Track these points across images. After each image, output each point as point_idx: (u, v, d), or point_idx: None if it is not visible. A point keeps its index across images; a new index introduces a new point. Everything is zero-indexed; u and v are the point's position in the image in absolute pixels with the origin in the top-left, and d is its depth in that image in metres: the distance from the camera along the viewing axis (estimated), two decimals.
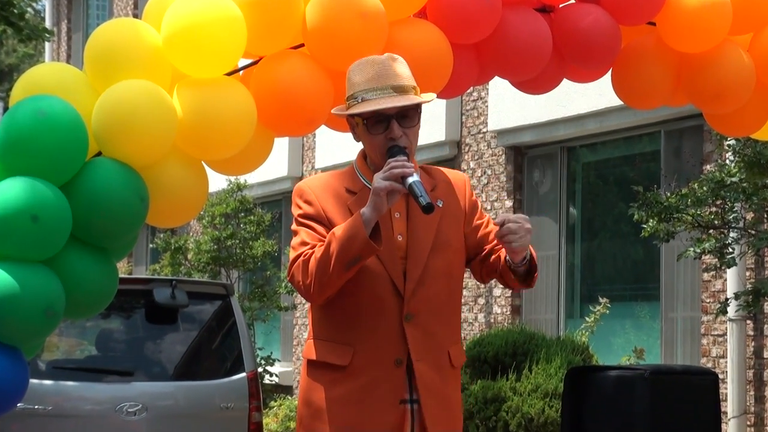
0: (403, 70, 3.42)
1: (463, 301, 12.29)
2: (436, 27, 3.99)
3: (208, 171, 4.04)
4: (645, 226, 7.65)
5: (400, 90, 3.37)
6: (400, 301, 3.39)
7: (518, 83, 4.39)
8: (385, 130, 3.37)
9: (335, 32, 3.80)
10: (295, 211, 3.49)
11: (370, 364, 3.38)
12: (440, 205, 3.48)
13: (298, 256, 3.38)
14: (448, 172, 3.62)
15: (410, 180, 3.27)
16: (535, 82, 4.34)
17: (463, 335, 12.02)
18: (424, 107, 3.55)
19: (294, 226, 3.49)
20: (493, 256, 3.53)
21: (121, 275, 4.39)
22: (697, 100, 4.34)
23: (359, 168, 3.50)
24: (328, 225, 3.41)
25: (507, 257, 3.44)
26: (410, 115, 3.40)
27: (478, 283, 12.34)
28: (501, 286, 12.03)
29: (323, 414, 3.40)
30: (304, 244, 3.40)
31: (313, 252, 3.35)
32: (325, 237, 3.37)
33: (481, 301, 12.09)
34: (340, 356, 3.39)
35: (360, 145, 3.53)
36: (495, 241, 3.52)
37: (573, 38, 4.15)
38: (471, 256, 3.58)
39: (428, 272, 3.42)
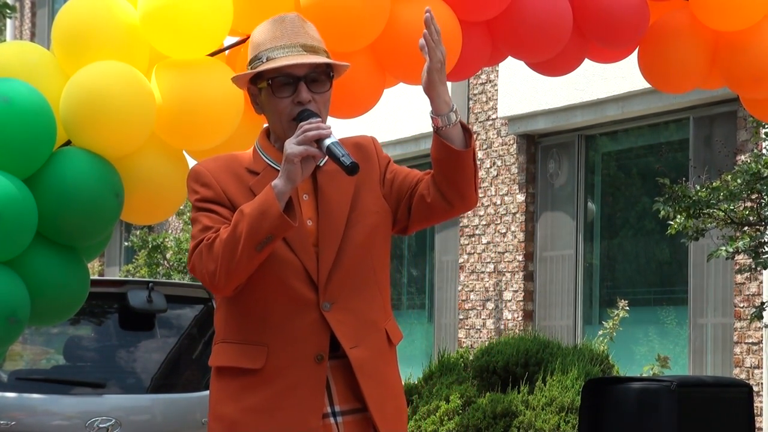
0: (312, 32, 3.36)
1: (470, 305, 12.31)
2: (443, 2, 3.98)
3: (190, 162, 4.01)
4: (671, 222, 7.64)
5: (311, 49, 3.31)
6: (314, 289, 3.32)
7: (534, 64, 4.37)
8: (293, 93, 3.29)
9: (332, 8, 3.78)
10: (192, 197, 3.37)
11: (288, 365, 3.31)
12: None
13: (200, 242, 3.27)
14: (353, 137, 3.52)
15: (328, 142, 3.18)
16: (553, 63, 4.32)
17: (470, 343, 12.04)
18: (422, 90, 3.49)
19: (193, 214, 3.36)
20: (421, 186, 3.43)
21: (93, 277, 4.36)
22: (734, 84, 4.33)
23: (262, 147, 3.40)
24: (231, 208, 3.31)
25: (432, 117, 3.35)
26: (321, 79, 3.32)
27: (486, 286, 12.40)
28: (512, 289, 12.07)
29: (237, 427, 3.31)
30: (206, 229, 3.29)
31: (217, 235, 3.26)
32: (229, 220, 3.27)
33: (490, 305, 12.08)
34: (253, 359, 3.31)
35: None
36: (416, 181, 3.45)
37: (595, 14, 4.13)
38: (396, 210, 3.46)
39: (344, 251, 3.35)
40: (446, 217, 3.47)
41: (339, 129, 12.34)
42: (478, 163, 12.32)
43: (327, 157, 3.22)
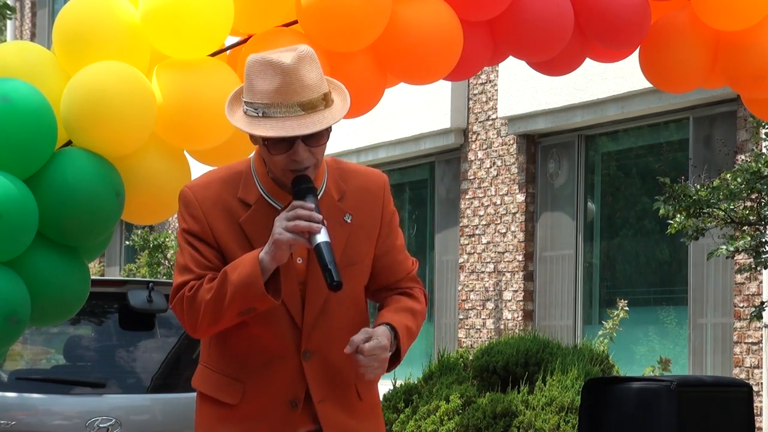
0: (311, 75, 3.22)
1: (470, 305, 12.31)
2: (444, 2, 3.97)
3: (191, 162, 4.01)
4: (671, 222, 7.63)
5: (309, 107, 3.19)
6: (297, 335, 3.30)
7: (535, 64, 4.37)
8: (289, 149, 3.20)
9: (332, 8, 3.77)
10: (180, 224, 3.32)
11: (262, 406, 3.30)
12: (348, 221, 3.34)
13: (182, 286, 3.26)
14: (364, 174, 3.43)
15: (319, 240, 3.14)
16: (554, 63, 4.32)
17: (470, 343, 12.03)
18: (426, 88, 3.46)
19: (179, 240, 3.33)
20: (382, 296, 3.42)
21: (93, 277, 4.35)
22: (735, 84, 4.33)
23: (257, 172, 3.32)
24: (216, 246, 3.28)
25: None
26: (319, 132, 3.22)
27: (486, 286, 12.39)
28: (512, 289, 12.07)
29: None
30: (187, 270, 3.28)
31: (200, 285, 3.24)
32: (211, 262, 3.27)
33: (490, 305, 12.07)
34: (229, 394, 3.31)
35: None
36: (393, 281, 3.41)
37: (597, 13, 4.13)
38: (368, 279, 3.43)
39: (332, 300, 3.30)
40: None
41: (340, 129, 12.15)
42: (478, 162, 12.32)
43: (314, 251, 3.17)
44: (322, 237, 3.15)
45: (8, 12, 13.29)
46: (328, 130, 3.25)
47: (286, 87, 3.18)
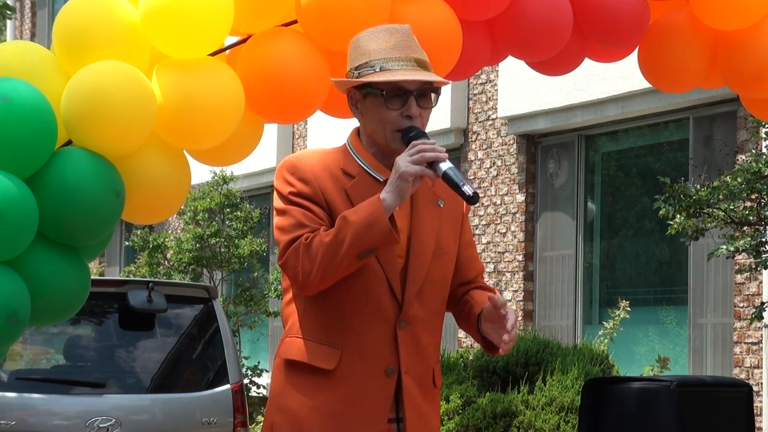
0: (418, 45, 3.37)
1: None
2: (444, 2, 3.98)
3: (191, 161, 4.01)
4: (671, 222, 7.65)
5: (423, 65, 3.33)
6: (396, 305, 3.34)
7: (534, 63, 4.38)
8: (402, 106, 3.31)
9: (332, 7, 3.79)
10: (286, 189, 3.35)
11: (359, 371, 3.32)
12: (441, 206, 3.43)
13: (295, 239, 3.27)
14: None
15: (444, 167, 3.19)
16: (553, 63, 4.33)
17: (470, 343, 12.03)
18: None
19: (283, 205, 3.35)
20: (467, 305, 3.49)
21: (93, 277, 4.36)
22: (734, 83, 4.34)
23: (355, 150, 3.41)
24: (326, 207, 3.32)
25: (479, 324, 3.40)
26: (429, 94, 3.35)
27: None
28: (512, 289, 12.08)
29: (302, 424, 3.33)
30: (300, 225, 3.29)
31: (315, 235, 3.25)
32: (324, 221, 3.30)
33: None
34: (325, 359, 3.32)
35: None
36: (470, 279, 3.50)
37: (596, 13, 4.14)
38: None
39: (428, 279, 3.38)
40: None
41: (342, 129, 12.24)
42: (478, 162, 12.33)
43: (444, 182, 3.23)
44: (446, 165, 3.20)
45: (8, 12, 13.30)
46: (437, 95, 3.37)
47: (403, 43, 3.32)
